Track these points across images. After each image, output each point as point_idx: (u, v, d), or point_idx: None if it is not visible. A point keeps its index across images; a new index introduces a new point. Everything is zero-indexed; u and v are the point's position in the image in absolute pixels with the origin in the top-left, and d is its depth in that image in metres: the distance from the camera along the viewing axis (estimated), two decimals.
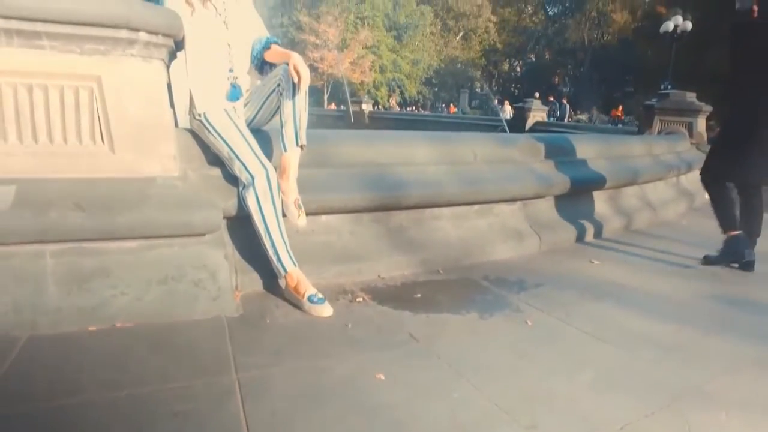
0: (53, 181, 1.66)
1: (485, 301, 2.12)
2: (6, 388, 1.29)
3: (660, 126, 6.30)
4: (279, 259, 1.93)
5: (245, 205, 1.94)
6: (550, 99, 20.37)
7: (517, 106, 12.48)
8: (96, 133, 1.72)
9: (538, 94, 17.58)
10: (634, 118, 18.96)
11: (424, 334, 1.75)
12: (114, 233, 1.66)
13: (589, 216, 3.38)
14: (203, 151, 2.08)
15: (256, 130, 2.13)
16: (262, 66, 2.17)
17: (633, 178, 3.85)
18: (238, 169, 1.94)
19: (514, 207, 2.93)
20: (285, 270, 1.93)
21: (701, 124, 6.26)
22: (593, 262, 2.76)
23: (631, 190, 3.95)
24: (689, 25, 17.30)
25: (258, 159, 1.94)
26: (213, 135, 1.99)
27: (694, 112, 6.19)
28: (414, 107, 32.96)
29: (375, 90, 30.61)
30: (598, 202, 3.53)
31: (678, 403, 1.40)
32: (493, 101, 25.75)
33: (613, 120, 21.92)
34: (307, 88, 1.95)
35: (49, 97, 1.66)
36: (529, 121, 10.96)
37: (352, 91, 18.94)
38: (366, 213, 2.41)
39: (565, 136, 4.05)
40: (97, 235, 1.65)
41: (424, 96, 35.77)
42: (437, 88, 36.83)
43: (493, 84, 40.48)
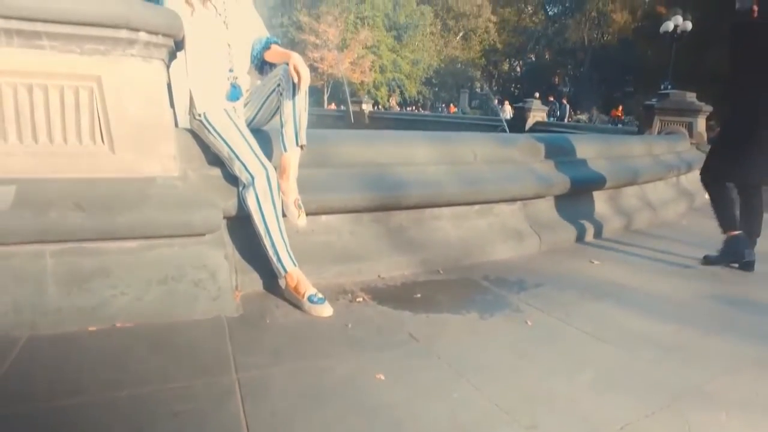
0: (53, 181, 1.66)
1: (485, 301, 2.12)
2: (6, 389, 1.29)
3: (660, 126, 6.30)
4: (279, 259, 1.93)
5: (245, 205, 1.94)
6: (550, 99, 20.37)
7: (517, 106, 12.48)
8: (96, 133, 1.72)
9: (538, 94, 17.58)
10: (634, 118, 18.97)
11: (424, 334, 1.75)
12: (114, 233, 1.66)
13: (589, 216, 3.38)
14: (203, 151, 2.08)
15: (256, 130, 2.13)
16: (262, 66, 2.17)
17: (633, 178, 3.86)
18: (238, 169, 1.94)
19: (514, 207, 2.93)
20: (285, 270, 1.93)
21: (701, 124, 6.26)
22: (593, 262, 2.76)
23: (631, 190, 3.95)
24: (689, 25, 17.31)
25: (258, 159, 1.94)
26: (213, 135, 1.99)
27: (694, 112, 6.19)
28: (414, 107, 32.97)
29: (375, 90, 30.62)
30: (598, 202, 3.53)
31: (678, 403, 1.40)
32: (493, 101, 25.76)
33: (613, 120, 21.92)
34: (307, 88, 1.95)
35: (49, 97, 1.66)
36: (529, 121, 10.96)
37: (352, 91, 18.94)
38: (366, 213, 2.41)
39: (565, 136, 4.05)
40: (97, 235, 1.65)
41: (424, 96, 35.77)
42: (437, 88, 36.84)
43: (493, 84, 40.49)
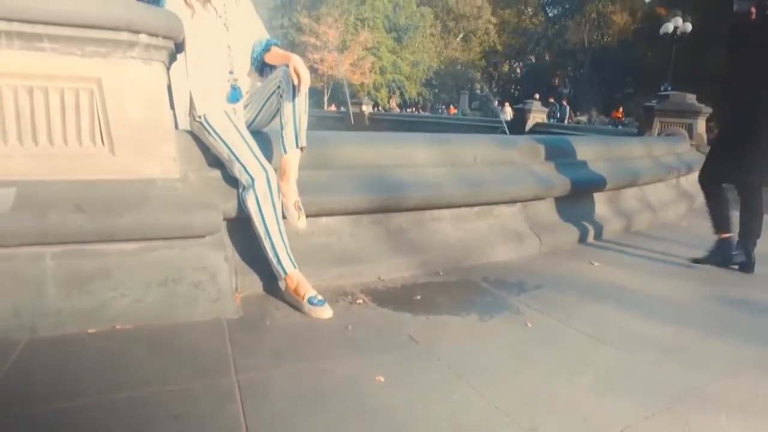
0: (53, 183, 1.66)
1: (485, 302, 2.12)
2: (6, 391, 1.29)
3: (660, 127, 6.31)
4: (279, 261, 1.93)
5: (245, 206, 1.94)
6: (550, 100, 20.36)
7: (517, 107, 12.49)
8: (96, 135, 1.73)
9: (538, 96, 17.58)
10: (634, 119, 18.99)
11: (424, 336, 1.75)
12: (114, 235, 1.66)
13: (589, 217, 3.38)
14: (203, 152, 2.08)
15: (256, 132, 2.13)
16: (262, 68, 2.18)
17: (633, 180, 3.86)
18: (238, 171, 1.94)
19: (514, 209, 2.93)
20: (285, 272, 1.93)
21: (701, 125, 6.27)
22: (593, 264, 2.76)
23: (631, 192, 3.95)
24: (689, 26, 17.33)
25: (258, 161, 1.94)
26: (213, 137, 1.99)
27: (694, 113, 6.20)
28: (414, 109, 33.00)
29: (375, 91, 30.64)
30: (598, 204, 3.53)
31: (678, 405, 1.40)
32: (493, 103, 25.77)
33: (613, 121, 21.94)
34: (307, 90, 1.96)
35: (49, 99, 1.66)
36: (529, 123, 10.96)
37: (352, 93, 18.96)
38: (366, 215, 2.41)
39: (564, 137, 4.05)
40: (97, 237, 1.65)
41: (424, 97, 35.81)
42: (437, 90, 36.87)
43: (493, 85, 40.54)
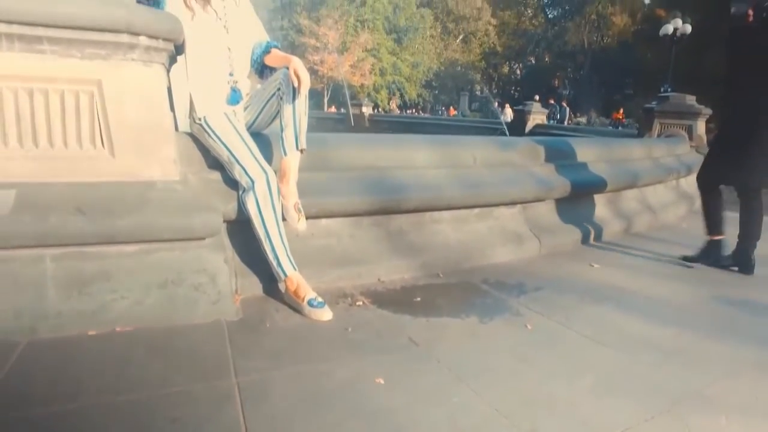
0: (53, 185, 1.66)
1: (485, 304, 2.12)
2: (5, 393, 1.29)
3: (660, 129, 6.31)
4: (279, 263, 1.93)
5: (245, 209, 1.94)
6: (550, 102, 20.37)
7: (517, 108, 12.47)
8: (96, 137, 1.73)
9: (538, 97, 17.58)
10: (633, 120, 19.00)
11: (424, 338, 1.75)
12: (114, 237, 1.66)
13: (589, 219, 3.38)
14: (203, 154, 2.08)
15: (256, 134, 2.13)
16: (262, 70, 2.18)
17: (633, 182, 3.86)
18: (238, 173, 1.94)
19: (513, 210, 2.94)
20: (285, 274, 1.93)
21: (701, 126, 6.27)
22: (593, 266, 2.76)
23: (631, 194, 3.95)
24: (688, 28, 17.35)
25: (258, 163, 1.94)
26: (213, 139, 1.99)
27: (693, 114, 6.20)
28: (414, 110, 33.02)
29: (375, 93, 30.68)
30: (598, 206, 3.53)
31: (678, 407, 1.40)
32: (492, 104, 25.79)
33: (614, 122, 21.95)
34: (307, 92, 1.96)
35: (49, 102, 1.66)
36: (529, 124, 10.95)
37: (352, 94, 18.99)
38: (366, 216, 2.41)
39: (564, 139, 4.05)
40: (97, 239, 1.65)
41: (424, 99, 35.84)
42: (437, 91, 36.90)
43: (493, 87, 40.58)
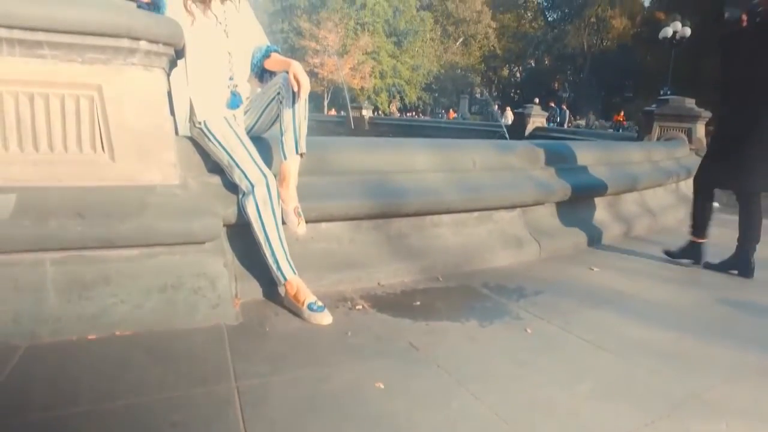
0: (54, 189, 1.66)
1: (485, 308, 2.12)
2: (4, 397, 1.29)
3: (659, 132, 6.32)
4: (279, 267, 1.93)
5: (245, 213, 1.94)
6: (550, 105, 20.42)
7: (517, 111, 12.49)
8: (96, 142, 1.73)
9: (537, 100, 17.63)
10: (633, 123, 19.03)
11: (424, 343, 1.75)
12: (114, 241, 1.66)
13: (589, 223, 3.38)
14: (203, 158, 2.08)
15: (256, 138, 2.13)
16: (263, 74, 2.18)
17: (632, 185, 3.86)
18: (237, 177, 1.95)
19: (513, 214, 2.94)
20: (285, 278, 1.93)
21: (700, 129, 6.28)
22: (593, 269, 2.75)
23: (630, 197, 3.95)
24: (688, 31, 17.41)
25: (258, 167, 1.94)
26: (213, 143, 1.99)
27: (693, 117, 6.21)
28: (414, 113, 33.07)
29: (375, 96, 30.76)
30: (597, 209, 3.54)
31: (678, 412, 1.40)
32: (492, 107, 25.82)
33: (615, 125, 21.97)
34: (306, 97, 1.96)
35: (50, 106, 1.66)
36: (529, 127, 10.97)
37: (352, 97, 19.03)
38: (366, 220, 2.41)
39: (564, 143, 4.06)
40: (97, 244, 1.65)
41: (424, 101, 35.91)
42: (437, 94, 36.98)
43: (492, 90, 40.67)
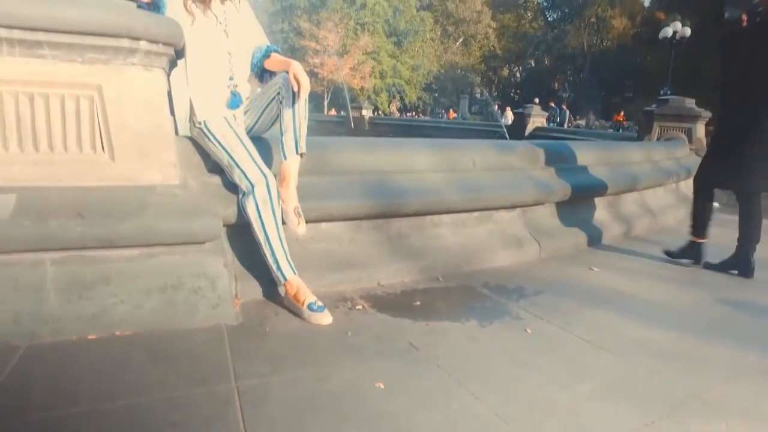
0: (54, 189, 1.66)
1: (485, 308, 2.12)
2: (4, 397, 1.29)
3: (659, 132, 6.32)
4: (279, 267, 1.93)
5: (245, 213, 1.94)
6: (550, 105, 20.42)
7: (517, 111, 12.49)
8: (96, 142, 1.73)
9: (537, 100, 17.63)
10: (633, 123, 19.04)
11: (424, 343, 1.75)
12: (114, 241, 1.66)
13: (589, 223, 3.38)
14: (203, 158, 2.08)
15: (256, 138, 2.13)
16: (262, 74, 2.18)
17: (632, 185, 3.86)
18: (237, 177, 1.95)
19: (513, 214, 2.94)
20: (285, 278, 1.93)
21: (700, 129, 6.28)
22: (593, 269, 2.75)
23: (630, 197, 3.96)
24: (688, 30, 17.42)
25: (258, 167, 1.94)
26: (213, 143, 1.99)
27: (693, 118, 6.21)
28: (414, 113, 33.08)
29: (375, 96, 30.77)
30: (597, 209, 3.54)
31: (678, 412, 1.40)
32: (492, 107, 25.83)
33: (615, 125, 21.97)
34: (306, 97, 1.96)
35: (50, 106, 1.66)
36: (529, 127, 10.97)
37: (352, 97, 19.04)
38: (366, 220, 2.41)
39: (564, 143, 4.06)
40: (97, 244, 1.65)
41: (424, 101, 35.92)
42: (437, 94, 36.99)
43: (492, 90, 40.68)
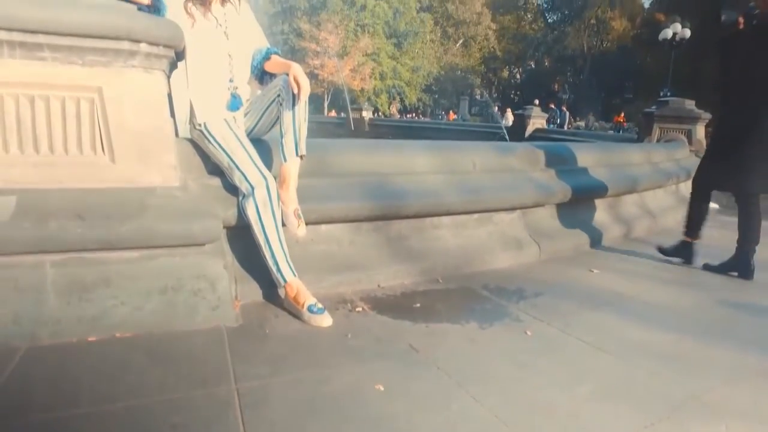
0: (54, 191, 1.67)
1: (485, 310, 2.12)
2: (4, 399, 1.29)
3: (659, 133, 6.31)
4: (279, 269, 1.93)
5: (245, 215, 1.95)
6: (551, 106, 20.43)
7: (517, 113, 12.49)
8: (97, 144, 1.73)
9: (537, 101, 17.62)
10: (633, 125, 19.05)
11: (424, 345, 1.75)
12: (114, 243, 1.67)
13: (589, 224, 3.38)
14: (203, 160, 2.08)
15: (256, 140, 2.14)
16: (263, 76, 2.18)
17: (632, 186, 3.87)
18: (238, 179, 1.95)
19: (513, 216, 2.94)
20: (284, 280, 1.93)
21: (700, 131, 6.28)
22: (593, 271, 2.75)
23: (630, 198, 3.96)
24: (688, 32, 17.43)
25: (258, 169, 1.94)
26: (213, 145, 2.00)
27: (693, 119, 6.21)
28: (414, 114, 33.11)
29: (375, 97, 30.80)
30: (597, 211, 3.54)
31: (678, 414, 1.40)
32: (492, 108, 25.84)
33: (615, 126, 21.99)
34: (306, 99, 1.96)
35: (50, 108, 1.67)
36: (529, 128, 10.97)
37: (352, 99, 19.06)
38: (366, 222, 2.42)
39: (564, 144, 4.06)
40: (97, 246, 1.65)
41: (424, 103, 35.95)
42: (437, 95, 37.01)
43: (492, 91, 40.71)
